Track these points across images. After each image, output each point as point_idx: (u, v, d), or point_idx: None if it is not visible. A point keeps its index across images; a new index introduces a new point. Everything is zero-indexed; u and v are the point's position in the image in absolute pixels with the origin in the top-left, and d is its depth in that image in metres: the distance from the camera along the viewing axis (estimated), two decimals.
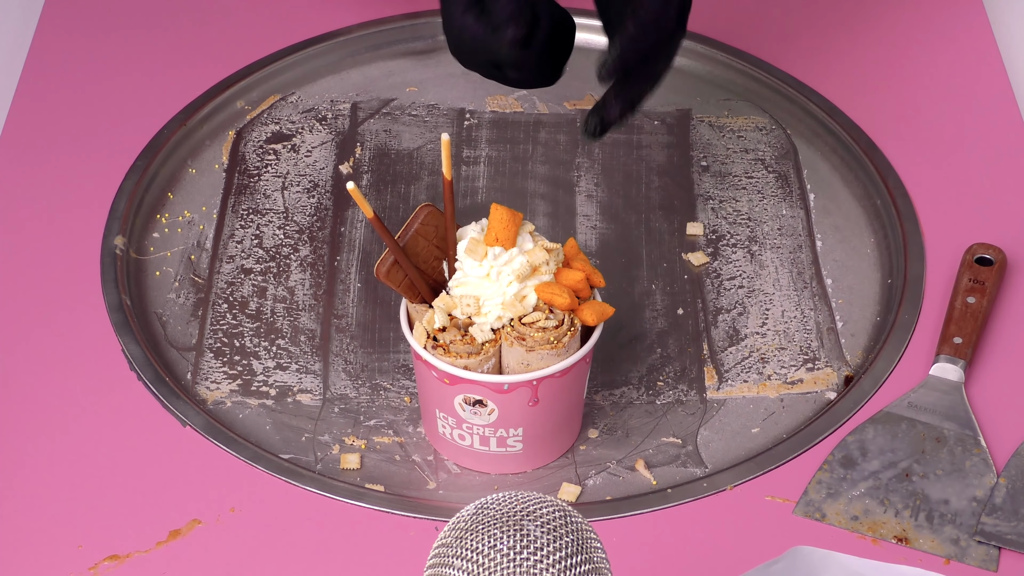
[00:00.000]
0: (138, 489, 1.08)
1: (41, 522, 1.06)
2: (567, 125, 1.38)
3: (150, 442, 1.11)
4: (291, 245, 1.28)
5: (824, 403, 1.16)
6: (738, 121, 1.39)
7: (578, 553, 0.82)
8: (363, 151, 1.36)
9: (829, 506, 1.08)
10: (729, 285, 1.25)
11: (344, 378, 1.18)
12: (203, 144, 1.36)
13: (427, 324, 1.05)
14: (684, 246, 1.28)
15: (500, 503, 0.84)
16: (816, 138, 1.37)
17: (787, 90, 1.40)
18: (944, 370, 1.15)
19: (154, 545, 1.05)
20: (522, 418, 1.07)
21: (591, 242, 1.29)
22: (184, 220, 1.30)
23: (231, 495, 1.08)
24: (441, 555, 0.83)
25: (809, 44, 1.44)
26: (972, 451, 1.11)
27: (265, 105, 1.40)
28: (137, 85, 1.39)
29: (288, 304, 1.23)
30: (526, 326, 1.04)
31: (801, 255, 1.28)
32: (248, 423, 1.15)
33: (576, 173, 1.35)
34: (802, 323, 1.22)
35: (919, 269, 1.24)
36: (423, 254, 1.07)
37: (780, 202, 1.32)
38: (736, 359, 1.20)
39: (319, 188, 1.33)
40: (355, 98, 1.41)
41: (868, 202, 1.31)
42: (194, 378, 1.18)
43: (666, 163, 1.35)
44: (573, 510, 0.84)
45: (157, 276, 1.25)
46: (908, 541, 1.06)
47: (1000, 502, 1.07)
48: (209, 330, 1.21)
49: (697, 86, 1.42)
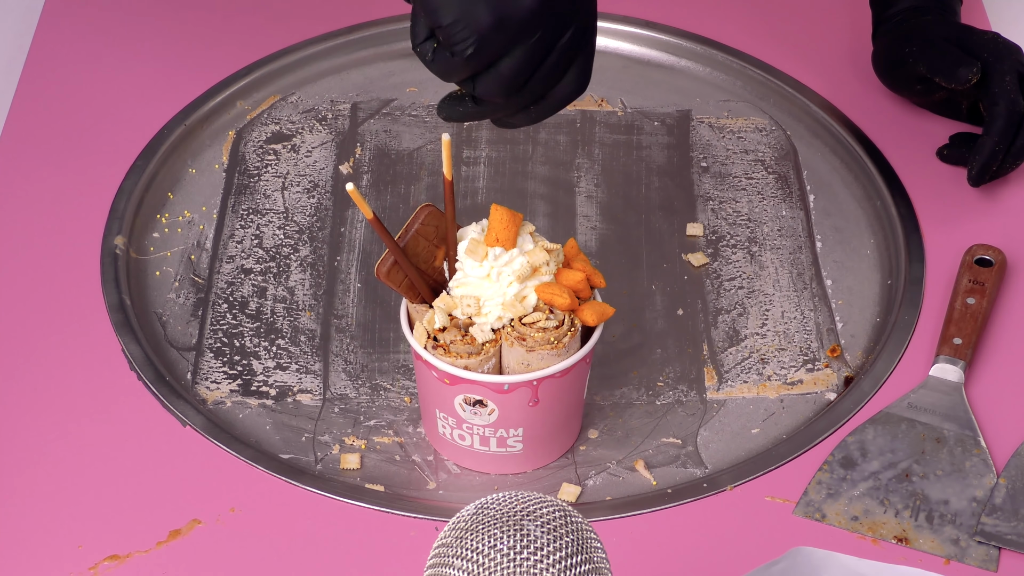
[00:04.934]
0: (138, 489, 1.08)
1: (41, 522, 1.06)
2: (567, 126, 1.39)
3: (150, 442, 1.11)
4: (291, 245, 1.28)
5: (824, 404, 1.17)
6: (738, 122, 1.39)
7: (578, 553, 0.82)
8: (363, 151, 1.36)
9: (829, 506, 1.08)
10: (729, 286, 1.25)
11: (344, 378, 1.18)
12: (203, 144, 1.36)
13: (427, 324, 1.05)
14: (684, 247, 1.28)
15: (500, 503, 0.84)
16: (816, 139, 1.37)
17: (787, 91, 1.40)
18: (944, 371, 1.15)
19: (154, 545, 1.05)
20: (522, 418, 1.07)
21: (591, 243, 1.29)
22: (184, 220, 1.30)
23: (231, 495, 1.08)
24: (441, 555, 0.83)
25: (809, 44, 1.44)
26: (972, 451, 1.11)
27: (265, 105, 1.40)
28: (137, 85, 1.39)
29: (288, 304, 1.23)
30: (526, 326, 1.04)
31: (801, 256, 1.28)
32: (248, 423, 1.15)
33: (576, 174, 1.35)
34: (802, 324, 1.22)
35: (919, 270, 1.24)
36: (423, 254, 1.07)
37: (780, 203, 1.32)
38: (736, 360, 1.20)
39: (319, 188, 1.33)
40: (355, 98, 1.41)
41: (868, 203, 1.31)
42: (194, 378, 1.18)
43: (666, 164, 1.35)
44: (573, 510, 0.84)
45: (157, 276, 1.25)
46: (908, 541, 1.06)
47: (1000, 502, 1.07)
48: (209, 330, 1.21)
49: (697, 87, 1.42)
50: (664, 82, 1.43)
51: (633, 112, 1.40)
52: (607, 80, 1.42)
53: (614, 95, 1.41)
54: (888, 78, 1.35)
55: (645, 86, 1.42)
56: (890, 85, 1.36)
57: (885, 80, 1.36)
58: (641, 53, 1.45)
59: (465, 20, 0.96)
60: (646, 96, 1.42)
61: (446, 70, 0.99)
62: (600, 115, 1.40)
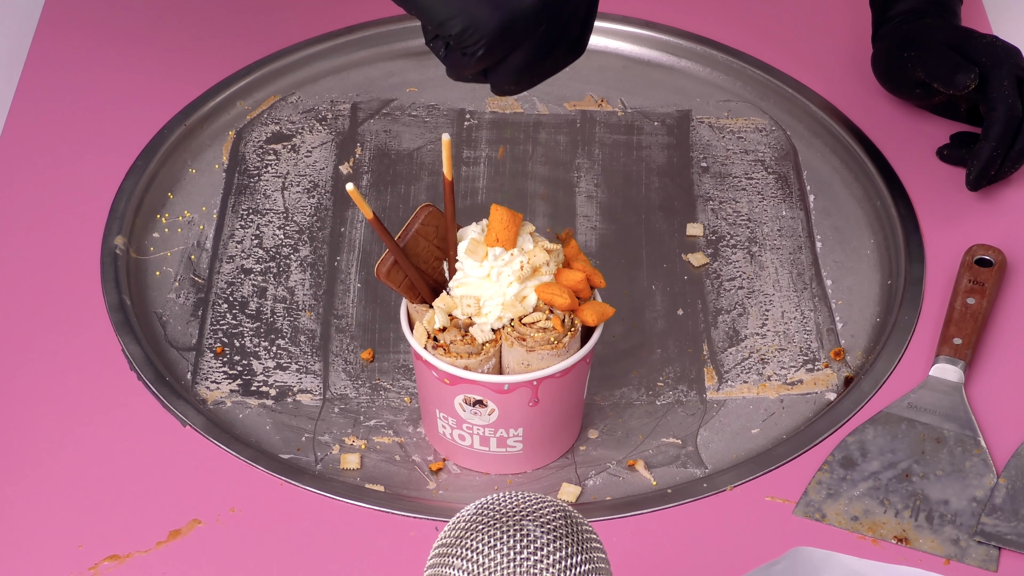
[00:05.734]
0: (138, 489, 1.08)
1: (41, 522, 1.06)
2: (567, 126, 1.39)
3: (150, 442, 1.11)
4: (291, 245, 1.28)
5: (824, 404, 1.17)
6: (738, 122, 1.39)
7: (578, 553, 0.82)
8: (363, 151, 1.36)
9: (829, 506, 1.08)
10: (729, 286, 1.25)
11: (344, 378, 1.18)
12: (203, 144, 1.36)
13: (427, 324, 1.05)
14: (684, 247, 1.28)
15: (500, 503, 0.84)
16: (816, 139, 1.37)
17: (787, 91, 1.40)
18: (944, 371, 1.15)
19: (154, 545, 1.05)
20: (522, 418, 1.07)
21: (591, 243, 1.29)
22: (184, 220, 1.30)
23: (231, 495, 1.08)
24: (441, 555, 0.83)
25: (809, 44, 1.44)
26: (972, 451, 1.11)
27: (265, 105, 1.40)
28: (137, 85, 1.39)
29: (288, 304, 1.23)
30: (526, 326, 1.04)
31: (801, 256, 1.28)
32: (248, 423, 1.15)
33: (576, 174, 1.35)
34: (802, 324, 1.22)
35: (919, 270, 1.24)
36: (423, 254, 1.07)
37: (780, 203, 1.32)
38: (736, 360, 1.20)
39: (319, 188, 1.33)
40: (355, 98, 1.41)
41: (868, 203, 1.31)
42: (194, 378, 1.18)
43: (666, 164, 1.35)
44: (573, 510, 0.84)
45: (157, 276, 1.25)
46: (908, 541, 1.06)
47: (1000, 502, 1.07)
48: (209, 330, 1.21)
49: (697, 87, 1.42)
50: (664, 82, 1.43)
51: (633, 112, 1.40)
52: (607, 80, 1.42)
53: (614, 95, 1.41)
54: (887, 82, 1.35)
55: (645, 86, 1.42)
56: (889, 89, 1.36)
57: (884, 84, 1.36)
58: (641, 53, 1.45)
59: (473, 27, 0.99)
60: (646, 96, 1.42)
61: (459, 67, 1.03)
62: (600, 115, 1.40)
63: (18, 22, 1.49)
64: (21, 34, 1.47)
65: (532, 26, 1.00)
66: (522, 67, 1.02)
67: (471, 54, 1.01)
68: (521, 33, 1.00)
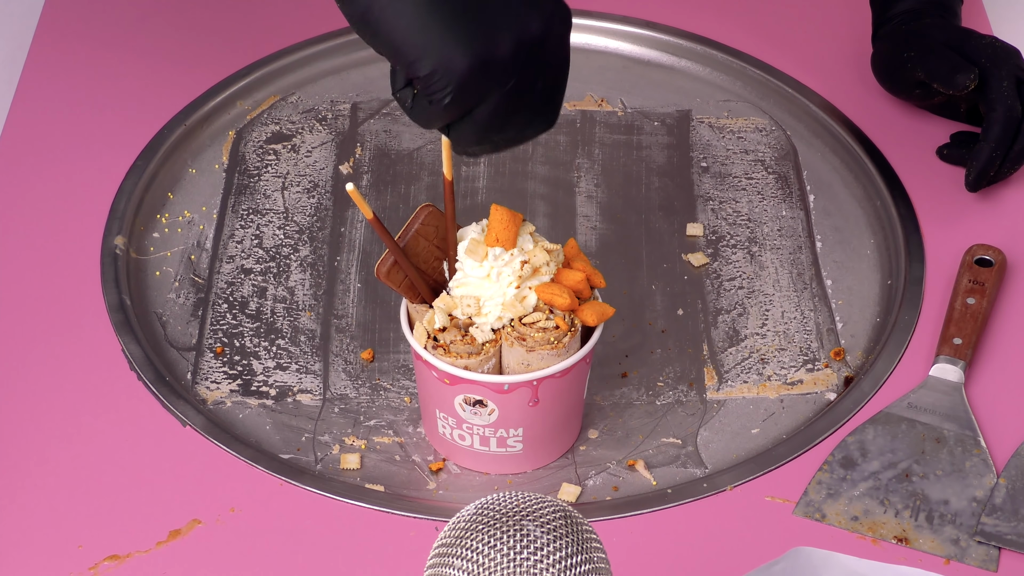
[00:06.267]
0: (138, 489, 1.08)
1: (41, 522, 1.06)
2: (567, 126, 1.39)
3: (150, 442, 1.11)
4: (291, 245, 1.28)
5: (824, 404, 1.17)
6: (738, 122, 1.39)
7: (578, 553, 0.82)
8: (363, 151, 1.36)
9: (829, 506, 1.08)
10: (729, 286, 1.25)
11: (344, 378, 1.18)
12: (203, 144, 1.36)
13: (427, 324, 1.05)
14: (684, 247, 1.29)
15: (500, 503, 0.84)
16: (816, 139, 1.37)
17: (787, 91, 1.40)
18: (944, 371, 1.15)
19: (154, 545, 1.05)
20: (522, 418, 1.07)
21: (591, 243, 1.29)
22: (184, 220, 1.30)
23: (231, 495, 1.08)
24: (441, 555, 0.83)
25: (809, 44, 1.45)
26: (972, 451, 1.11)
27: (265, 105, 1.40)
28: (137, 85, 1.39)
29: (288, 304, 1.23)
30: (526, 326, 1.04)
31: (801, 256, 1.28)
32: (248, 423, 1.15)
33: (576, 174, 1.35)
34: (802, 324, 1.22)
35: (919, 270, 1.24)
36: (423, 254, 1.07)
37: (780, 203, 1.32)
38: (736, 360, 1.20)
39: (319, 188, 1.33)
40: (355, 98, 1.41)
41: (868, 203, 1.31)
42: (194, 378, 1.18)
43: (666, 164, 1.35)
44: (573, 510, 0.84)
45: (157, 276, 1.25)
46: (908, 541, 1.06)
47: (1000, 502, 1.07)
48: (209, 330, 1.21)
49: (697, 87, 1.42)
50: (664, 82, 1.43)
51: (633, 112, 1.40)
52: (607, 80, 1.42)
53: (614, 95, 1.41)
54: (887, 82, 1.35)
55: (645, 86, 1.42)
56: (889, 89, 1.36)
57: (884, 84, 1.36)
58: (641, 53, 1.45)
59: (443, 70, 0.96)
60: (646, 96, 1.42)
61: (426, 119, 0.99)
62: (600, 115, 1.40)
63: (18, 22, 1.49)
64: (21, 34, 1.47)
65: (502, 76, 0.97)
66: (487, 123, 0.98)
67: (438, 101, 0.97)
68: (491, 81, 0.97)
